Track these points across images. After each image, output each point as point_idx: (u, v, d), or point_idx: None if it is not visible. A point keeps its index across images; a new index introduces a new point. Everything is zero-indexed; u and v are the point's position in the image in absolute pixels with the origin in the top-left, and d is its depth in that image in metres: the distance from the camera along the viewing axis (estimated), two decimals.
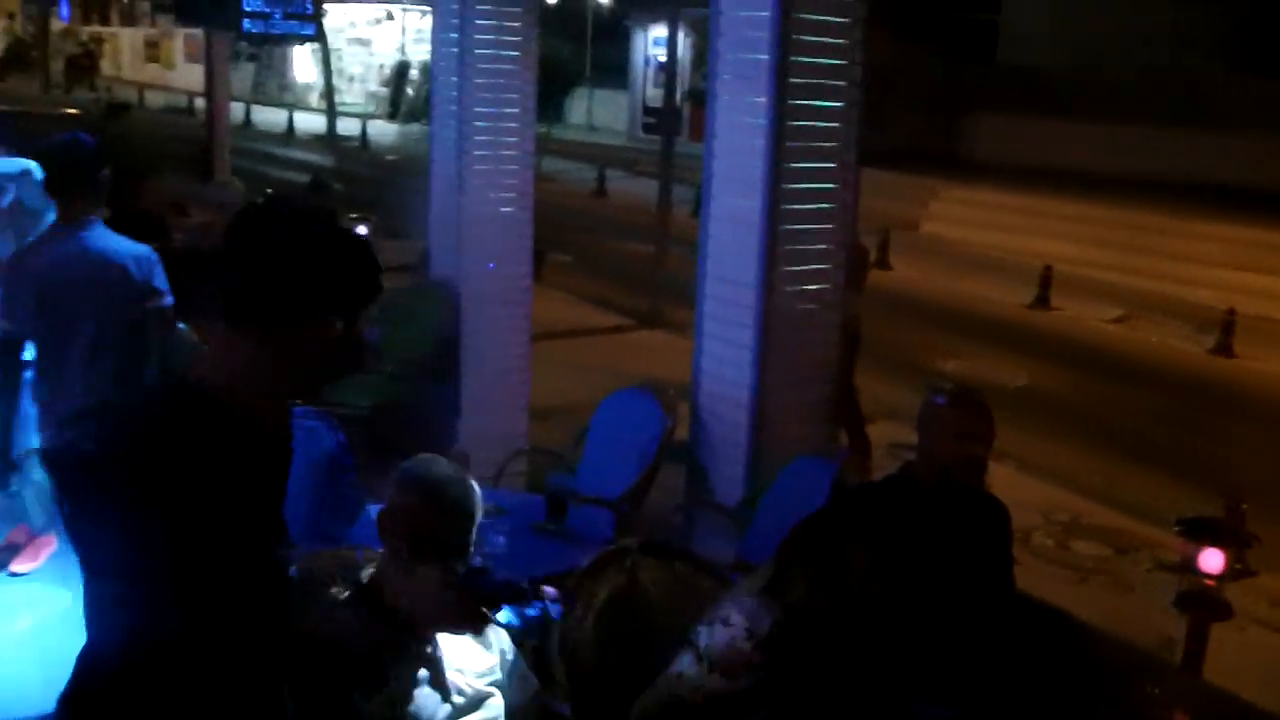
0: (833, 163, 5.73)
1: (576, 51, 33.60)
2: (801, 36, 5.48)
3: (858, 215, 6.80)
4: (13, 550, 6.13)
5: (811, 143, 5.62)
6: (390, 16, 37.53)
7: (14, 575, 5.98)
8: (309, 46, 31.78)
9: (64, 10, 44.20)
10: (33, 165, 5.92)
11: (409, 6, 36.48)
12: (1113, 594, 6.92)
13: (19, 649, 5.10)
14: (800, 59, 5.49)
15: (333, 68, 31.17)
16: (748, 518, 5.43)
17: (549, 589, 3.70)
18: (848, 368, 8.14)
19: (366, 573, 3.06)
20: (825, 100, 5.64)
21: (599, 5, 31.55)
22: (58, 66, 40.44)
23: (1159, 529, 7.70)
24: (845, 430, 8.16)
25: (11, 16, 47.17)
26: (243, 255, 2.29)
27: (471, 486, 3.06)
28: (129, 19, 48.15)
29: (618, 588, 3.36)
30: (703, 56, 12.02)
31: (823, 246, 5.78)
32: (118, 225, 7.66)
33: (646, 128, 30.86)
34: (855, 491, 4.54)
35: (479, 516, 3.10)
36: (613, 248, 17.58)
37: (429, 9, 8.70)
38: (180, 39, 41.42)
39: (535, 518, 5.04)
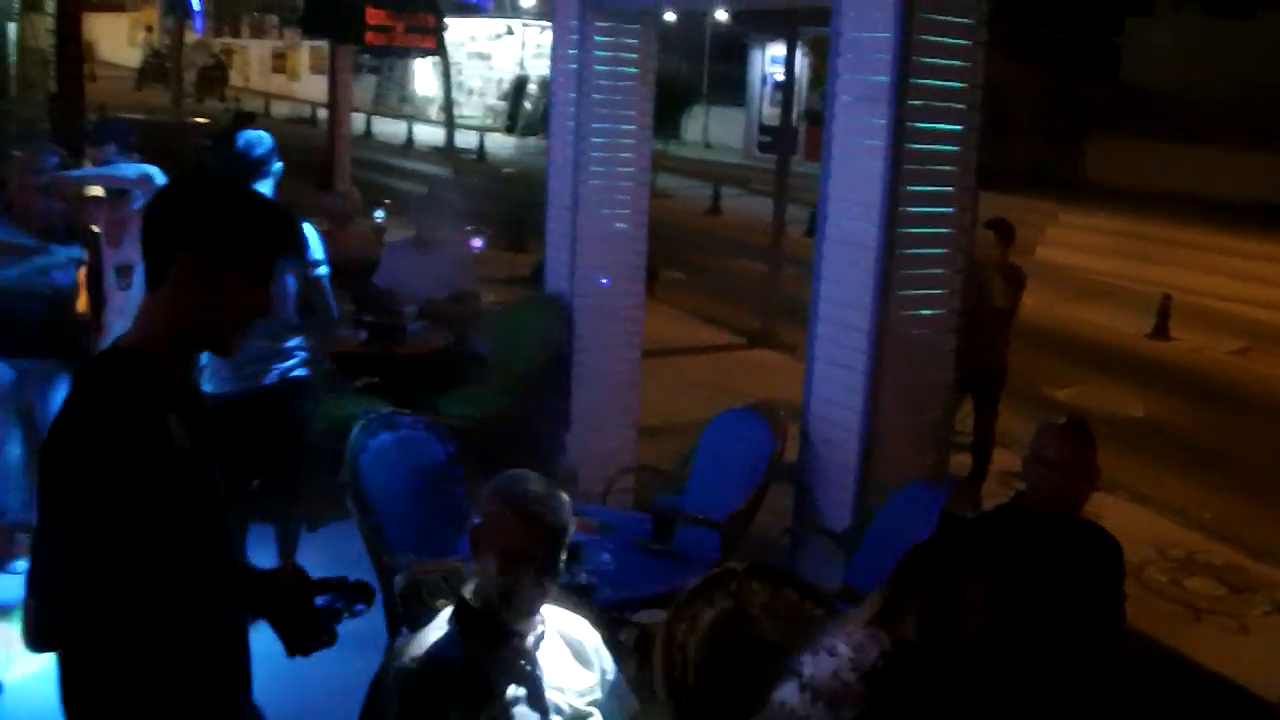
0: (951, 186, 5.66)
1: (694, 69, 33.63)
2: (922, 58, 5.43)
3: (975, 240, 6.71)
4: None
5: (930, 165, 5.56)
6: (510, 31, 37.92)
7: None
8: (430, 60, 32.20)
9: (198, 24, 45.34)
10: (154, 171, 6.20)
11: (529, 22, 36.83)
12: (1228, 635, 6.72)
13: None
14: (920, 81, 5.44)
15: (452, 81, 31.51)
16: (855, 544, 5.36)
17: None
18: (992, 394, 8.06)
19: (470, 587, 3.07)
20: (944, 123, 5.57)
21: (718, 23, 31.52)
22: (191, 77, 41.49)
23: (1278, 569, 7.49)
24: (971, 455, 8.07)
25: (150, 30, 48.56)
26: (153, 225, 2.57)
27: (563, 503, 3.06)
28: (258, 32, 49.29)
29: (723, 611, 3.33)
30: (820, 76, 11.92)
31: (939, 271, 5.70)
32: None
33: (762, 146, 30.80)
34: (967, 522, 4.46)
35: (570, 533, 3.10)
36: (726, 266, 17.55)
37: (549, 25, 8.76)
38: (305, 51, 42.29)
39: (642, 536, 5.03)
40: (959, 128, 5.62)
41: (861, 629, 2.84)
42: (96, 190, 6.71)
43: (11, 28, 16.26)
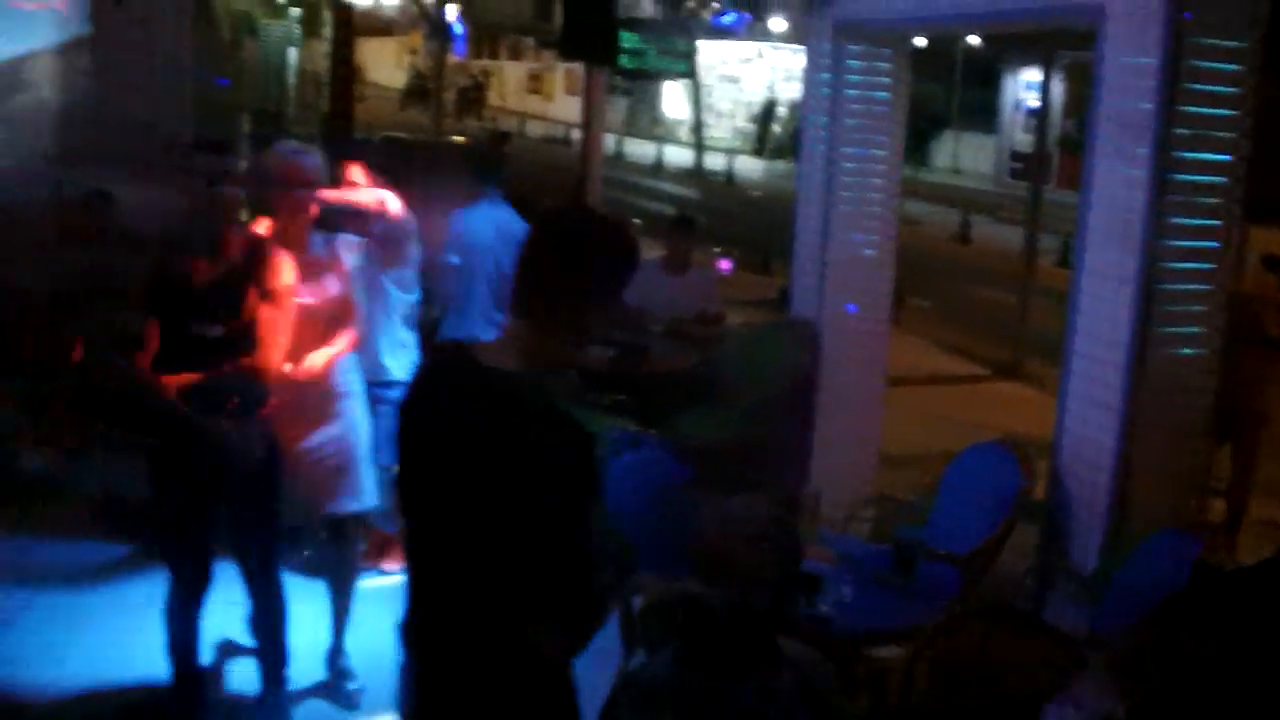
0: (1217, 219, 5.41)
1: (945, 93, 33.13)
2: (1190, 85, 5.20)
3: (1243, 275, 6.41)
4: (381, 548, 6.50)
5: (1195, 197, 5.33)
6: (760, 55, 38.07)
7: (384, 572, 6.36)
8: (681, 82, 32.56)
9: (460, 47, 46.90)
10: (388, 195, 6.38)
11: (779, 45, 36.90)
12: None
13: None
14: (1187, 109, 5.21)
15: (702, 104, 31.83)
16: (1102, 589, 5.17)
17: None
18: (1253, 435, 7.68)
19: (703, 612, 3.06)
20: (1211, 152, 5.33)
21: (970, 47, 31.00)
22: (451, 98, 42.97)
23: None
24: (1226, 501, 7.71)
25: (414, 53, 50.50)
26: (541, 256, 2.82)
27: (793, 531, 3.04)
28: (515, 54, 50.74)
29: (965, 651, 3.26)
30: (1077, 102, 11.56)
31: (1201, 308, 5.45)
32: None
33: (1013, 173, 30.13)
34: (1224, 575, 4.25)
35: (800, 562, 3.07)
36: (973, 295, 17.22)
37: (800, 48, 8.75)
38: (560, 73, 43.32)
39: (882, 569, 4.97)
40: (1227, 157, 5.37)
41: (1107, 681, 2.74)
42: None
43: (293, 53, 17.22)
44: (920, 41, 8.58)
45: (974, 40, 27.23)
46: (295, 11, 17.69)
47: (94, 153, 10.88)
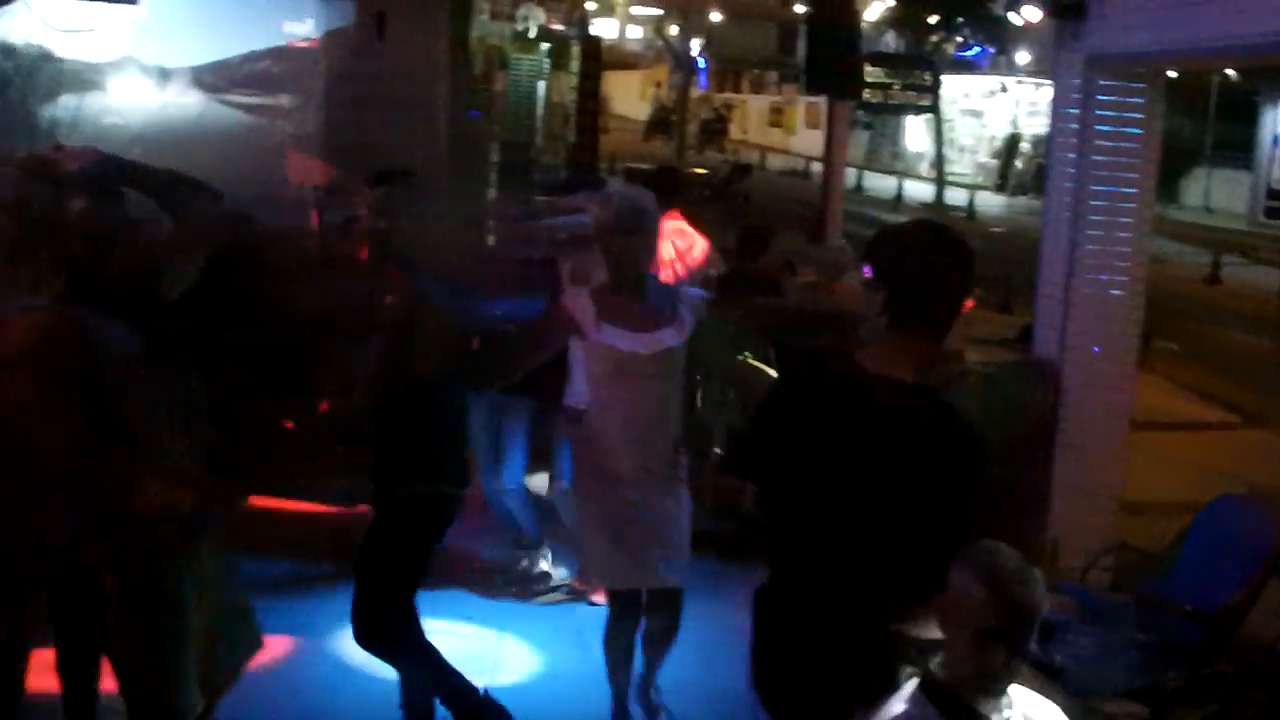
0: None
1: (1196, 128, 31.86)
2: None
3: None
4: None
5: None
6: (1004, 89, 37.33)
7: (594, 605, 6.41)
8: (922, 116, 32.22)
9: (702, 80, 47.47)
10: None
11: (1024, 79, 36.13)
12: None
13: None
14: None
15: (944, 138, 31.39)
16: None
17: None
18: None
19: (937, 660, 3.02)
20: None
21: (1225, 78, 29.71)
22: (693, 130, 43.48)
23: None
24: None
25: (659, 85, 51.34)
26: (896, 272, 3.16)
27: (1037, 580, 2.94)
28: (757, 87, 51.05)
29: (1210, 717, 3.11)
30: None
31: None
32: (736, 282, 8.13)
33: (1269, 212, 28.75)
34: None
35: (1044, 612, 2.98)
36: (1224, 338, 16.50)
37: (1043, 82, 8.57)
38: (802, 106, 43.32)
39: (1123, 621, 4.80)
40: None
41: None
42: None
43: (541, 86, 17.70)
44: (1171, 73, 8.28)
45: (1229, 71, 26.10)
46: (545, 45, 18.14)
47: (352, 183, 11.41)
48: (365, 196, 5.07)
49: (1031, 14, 28.14)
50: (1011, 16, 30.94)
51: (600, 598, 6.18)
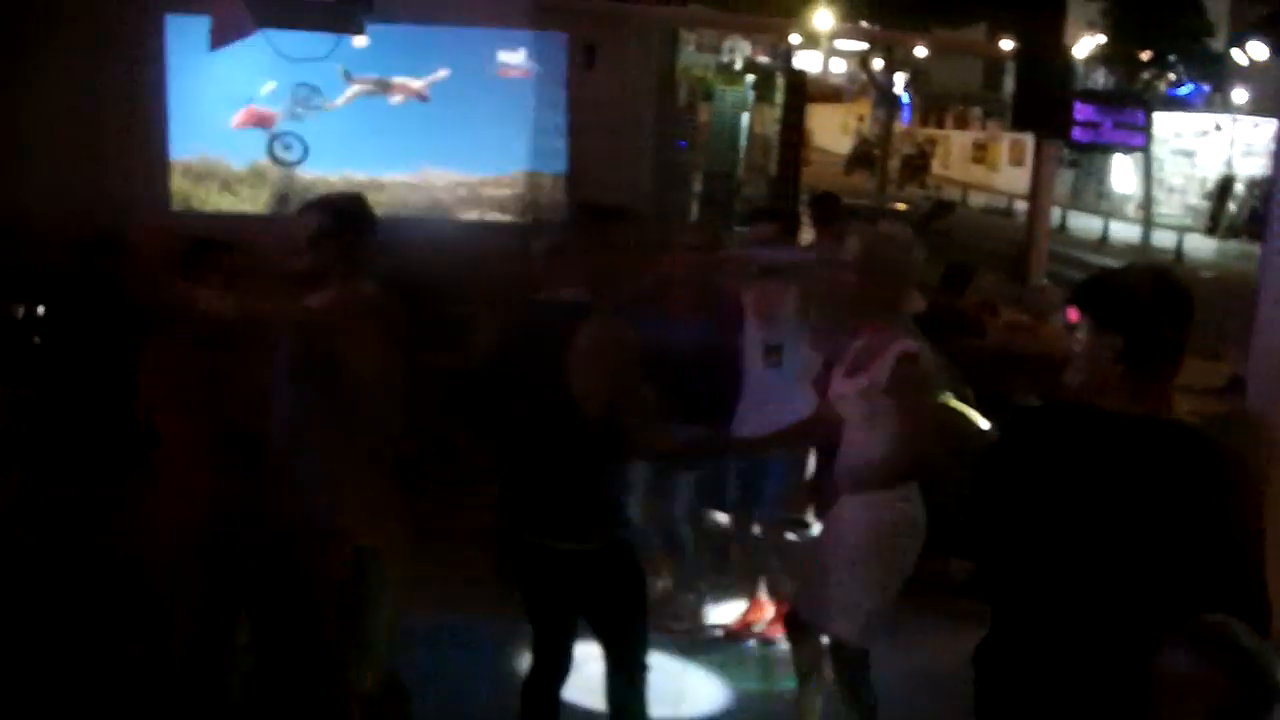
0: None
1: None
2: None
3: None
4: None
5: None
6: (1218, 128, 36.10)
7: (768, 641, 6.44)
8: (1130, 155, 31.42)
9: (905, 114, 47.07)
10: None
11: (1239, 117, 34.90)
12: None
13: None
14: None
15: (1153, 178, 30.53)
16: None
17: None
18: None
19: None
20: None
21: None
22: (894, 164, 43.14)
23: None
24: None
25: (861, 119, 51.10)
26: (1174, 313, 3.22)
27: (1276, 659, 2.75)
28: (961, 123, 50.34)
29: None
30: None
31: None
32: (937, 319, 8.08)
33: None
34: None
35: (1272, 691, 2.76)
36: None
37: (1262, 120, 8.32)
38: (1005, 143, 42.59)
39: None
40: None
41: None
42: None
43: (744, 117, 17.88)
44: None
45: None
46: (750, 78, 18.33)
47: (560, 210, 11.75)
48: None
49: (1258, 51, 27.24)
50: (1235, 54, 29.99)
51: (772, 632, 6.28)
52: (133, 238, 5.58)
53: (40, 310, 8.83)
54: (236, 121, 12.74)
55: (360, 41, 9.90)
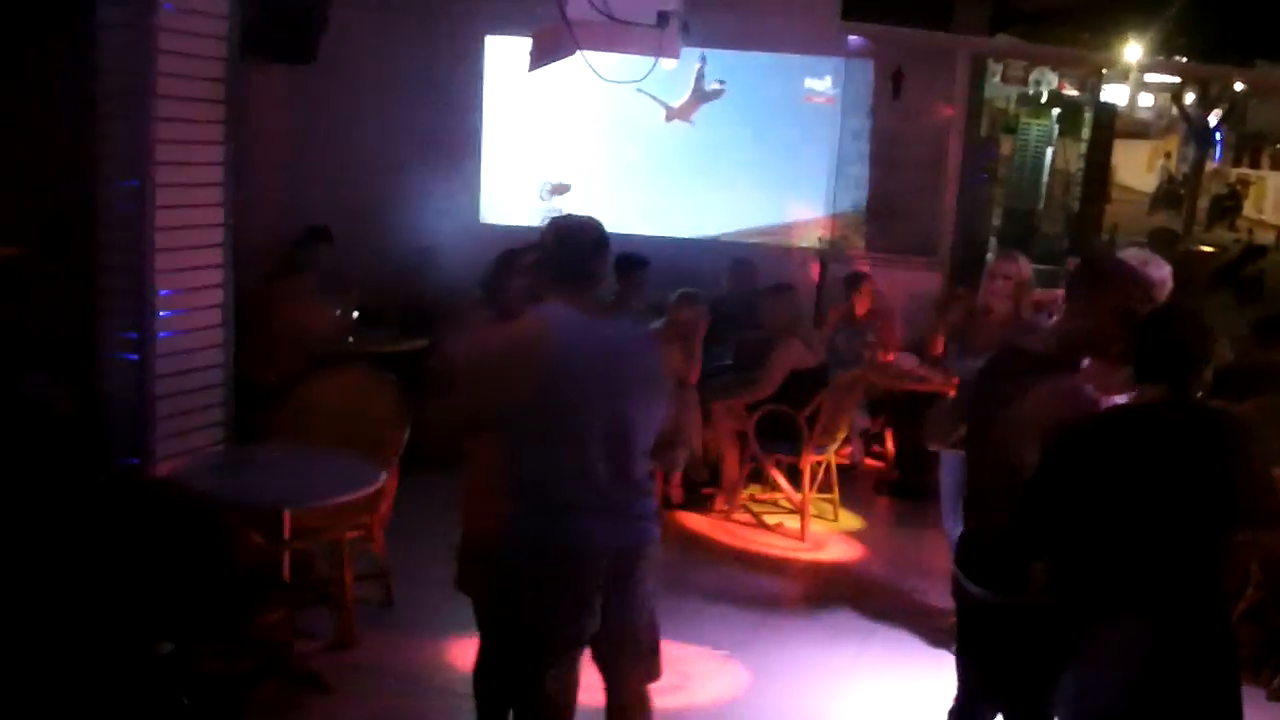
0: None
1: None
2: None
3: None
4: None
5: None
6: None
7: None
8: None
9: (1218, 153, 45.02)
10: None
11: None
12: None
13: None
14: None
15: None
16: None
17: None
18: None
19: None
20: None
21: None
22: (1203, 205, 41.26)
23: None
24: None
25: (1168, 156, 49.08)
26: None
27: None
28: (1277, 163, 47.79)
29: None
30: None
31: None
32: (1244, 375, 7.77)
33: None
34: None
35: None
36: None
37: None
38: None
39: None
40: None
41: None
42: None
43: (1048, 151, 17.51)
44: None
45: None
46: (1055, 111, 17.95)
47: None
48: None
49: None
50: None
51: None
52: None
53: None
54: None
55: (669, 65, 10.18)
